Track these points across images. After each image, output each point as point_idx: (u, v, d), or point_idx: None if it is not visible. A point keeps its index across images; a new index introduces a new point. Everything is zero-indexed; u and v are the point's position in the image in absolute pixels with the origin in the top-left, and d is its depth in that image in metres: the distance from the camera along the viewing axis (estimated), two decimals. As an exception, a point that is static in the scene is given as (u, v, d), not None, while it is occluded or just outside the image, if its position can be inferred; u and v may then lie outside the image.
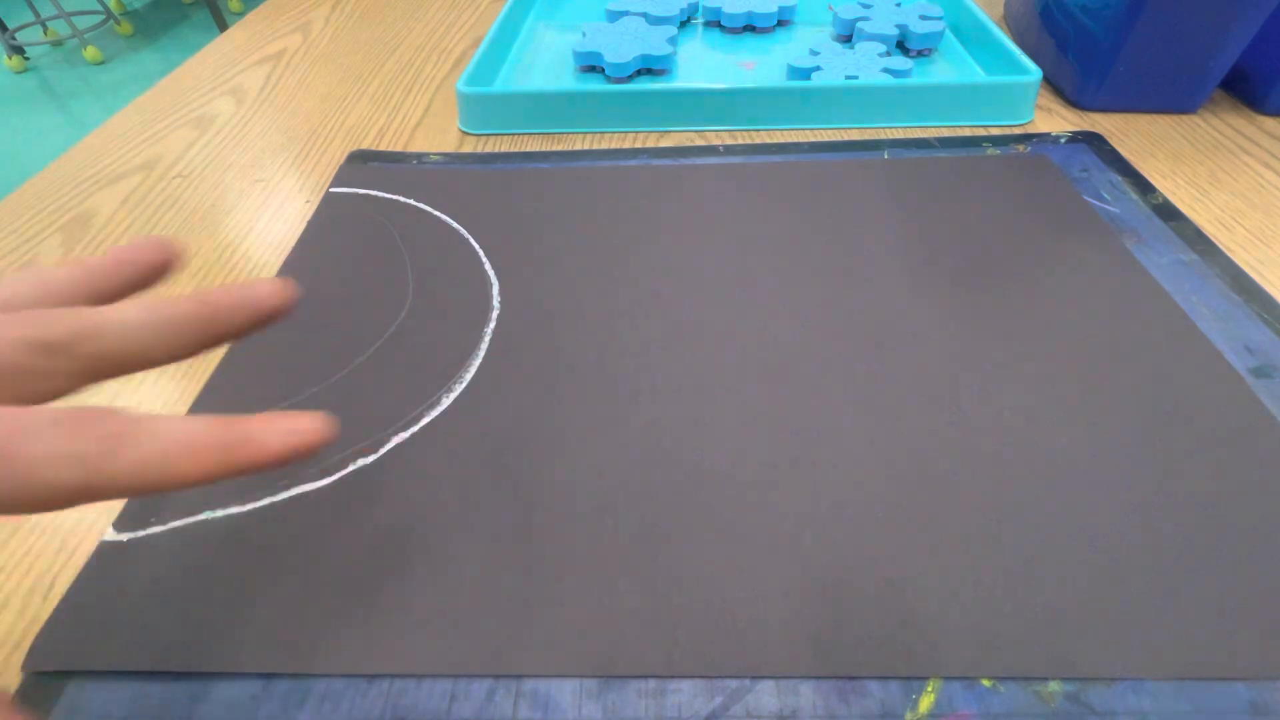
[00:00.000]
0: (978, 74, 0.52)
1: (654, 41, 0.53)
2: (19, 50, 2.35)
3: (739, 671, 0.21)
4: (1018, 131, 0.46)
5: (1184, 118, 0.47)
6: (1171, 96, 0.47)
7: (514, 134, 0.48)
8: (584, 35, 0.54)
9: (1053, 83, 0.51)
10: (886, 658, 0.21)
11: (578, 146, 0.47)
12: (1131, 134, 0.45)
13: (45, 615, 0.22)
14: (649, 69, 0.53)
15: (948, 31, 0.57)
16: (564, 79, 0.54)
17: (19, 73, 2.31)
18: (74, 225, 0.42)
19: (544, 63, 0.56)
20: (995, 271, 0.35)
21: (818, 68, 0.49)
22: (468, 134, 0.49)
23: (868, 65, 0.49)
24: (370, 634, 0.22)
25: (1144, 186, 0.40)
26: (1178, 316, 0.32)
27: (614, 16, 0.59)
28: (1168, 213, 0.38)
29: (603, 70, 0.52)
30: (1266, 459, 0.26)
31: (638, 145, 0.47)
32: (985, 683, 0.21)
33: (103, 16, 2.49)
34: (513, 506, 0.25)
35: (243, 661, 0.21)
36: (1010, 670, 0.21)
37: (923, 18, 0.55)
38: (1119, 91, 0.46)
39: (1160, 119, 0.47)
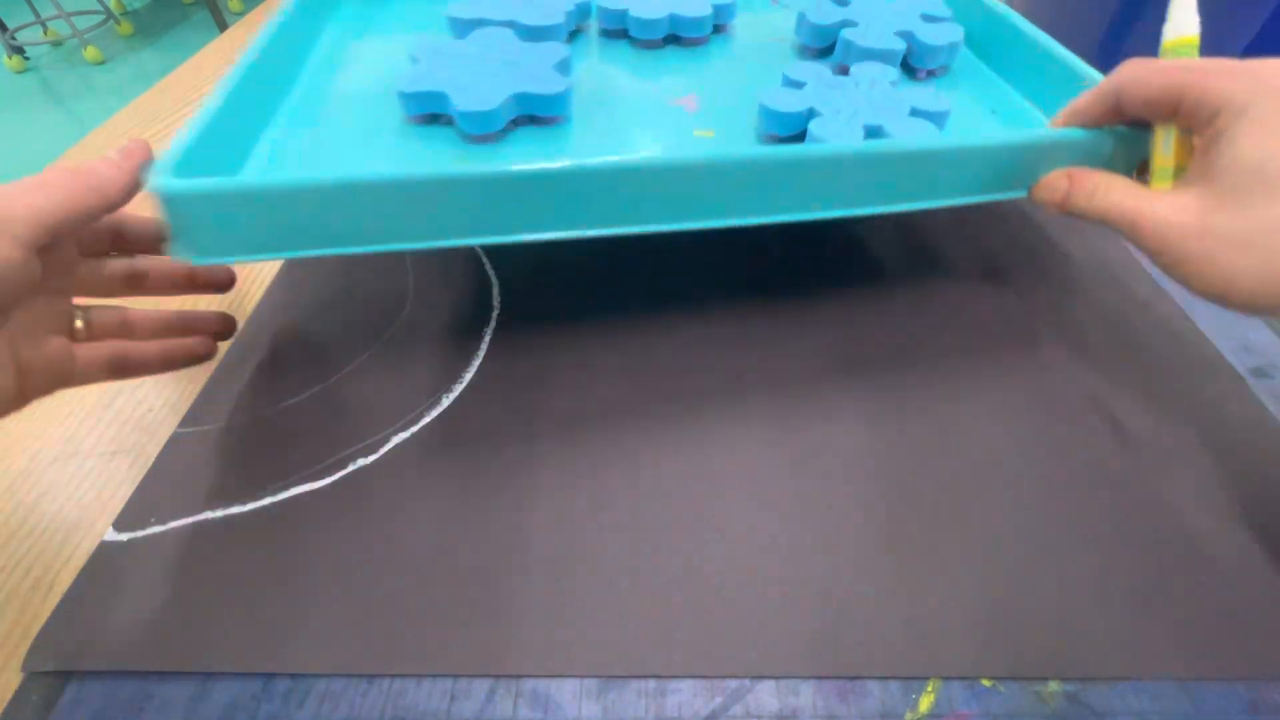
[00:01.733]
0: (1031, 111, 0.35)
1: (533, 70, 0.32)
2: (19, 50, 2.34)
3: (739, 671, 0.21)
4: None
5: (1184, 118, 0.47)
6: (1171, 96, 0.46)
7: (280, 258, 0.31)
8: (415, 62, 0.33)
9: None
10: (886, 658, 0.21)
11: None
12: (1131, 134, 0.45)
13: (45, 615, 0.22)
14: (532, 116, 0.32)
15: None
16: (382, 142, 0.31)
17: (19, 73, 2.31)
18: (74, 225, 0.42)
19: (356, 116, 0.33)
20: (994, 271, 0.35)
21: (812, 113, 0.30)
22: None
23: (887, 106, 0.31)
24: (370, 634, 0.22)
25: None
26: (1178, 316, 0.32)
27: (463, 29, 0.37)
28: (1168, 213, 0.38)
29: (452, 122, 0.31)
30: (1266, 459, 0.26)
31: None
32: (985, 683, 0.21)
33: (103, 16, 2.48)
34: (512, 506, 0.25)
35: (243, 661, 0.21)
36: (1010, 670, 0.21)
37: (927, 18, 0.38)
38: (1119, 91, 0.46)
39: (1160, 119, 0.47)
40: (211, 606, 0.23)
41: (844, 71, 0.35)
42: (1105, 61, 0.45)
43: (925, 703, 0.21)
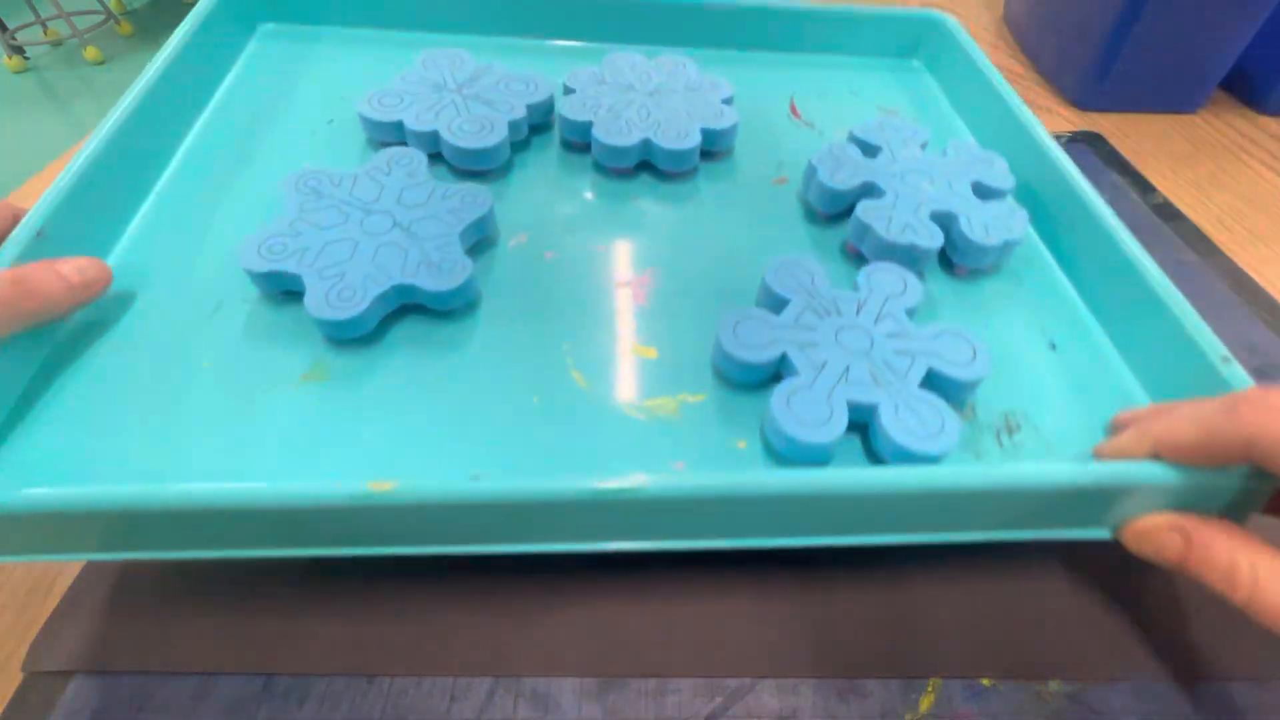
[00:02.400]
0: (1110, 354, 0.26)
1: (432, 244, 0.25)
2: (19, 50, 2.34)
3: (739, 672, 0.21)
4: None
5: (1184, 118, 0.47)
6: (1171, 96, 0.47)
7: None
8: (272, 224, 0.25)
9: (1053, 83, 0.51)
10: (886, 658, 0.21)
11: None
12: (1131, 134, 0.45)
13: (45, 615, 0.22)
14: (420, 305, 0.25)
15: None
16: (221, 341, 0.24)
17: (19, 73, 2.31)
18: (74, 225, 0.42)
19: (201, 280, 0.26)
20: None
21: (784, 364, 0.23)
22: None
23: (892, 365, 0.23)
24: (370, 634, 0.22)
25: (1144, 186, 0.40)
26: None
27: (376, 131, 0.31)
28: (1168, 213, 0.38)
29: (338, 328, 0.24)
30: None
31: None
32: (985, 682, 0.21)
33: (103, 16, 2.48)
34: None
35: (243, 662, 0.21)
36: (1010, 670, 0.21)
37: (981, 191, 0.29)
38: (1119, 91, 0.46)
39: (1160, 119, 0.47)
40: (211, 606, 0.23)
41: (855, 254, 0.29)
42: (1105, 62, 0.45)
43: (925, 703, 0.21)
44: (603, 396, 0.24)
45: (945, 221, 0.28)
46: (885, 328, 0.24)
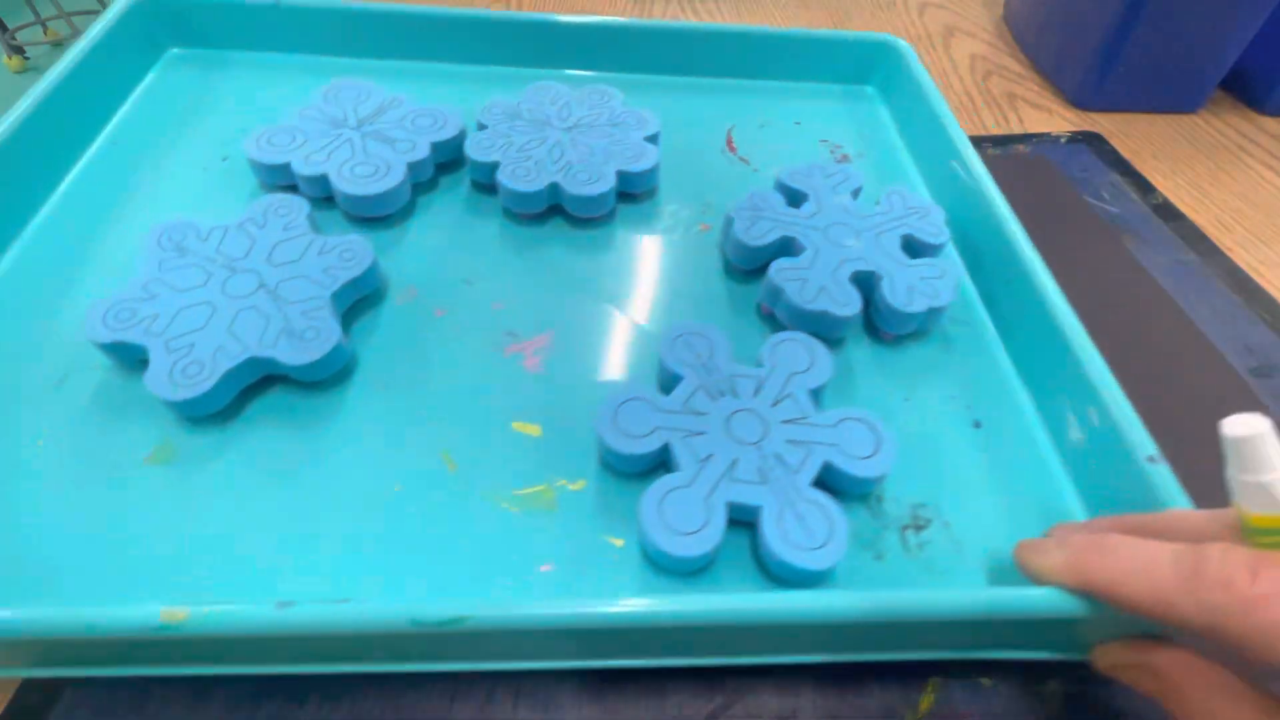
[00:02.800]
0: (1043, 446, 0.24)
1: (298, 310, 0.23)
2: (19, 50, 2.34)
3: (739, 670, 0.21)
4: (1017, 132, 0.46)
5: (1184, 118, 0.47)
6: (1171, 96, 0.47)
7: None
8: (119, 291, 0.23)
9: (1053, 83, 0.51)
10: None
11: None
12: (1131, 134, 0.45)
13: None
14: (283, 376, 0.24)
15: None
16: (59, 420, 0.23)
17: (19, 73, 2.31)
18: (74, 225, 0.42)
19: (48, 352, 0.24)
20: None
21: (667, 457, 0.22)
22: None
23: (783, 466, 0.21)
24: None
25: (1144, 186, 0.40)
26: (1178, 316, 0.32)
27: (266, 175, 0.29)
28: (1168, 213, 0.38)
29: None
30: (1266, 459, 0.26)
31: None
32: (985, 682, 0.21)
33: (103, 16, 2.49)
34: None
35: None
36: (1010, 670, 0.21)
37: (911, 245, 0.27)
38: (1119, 91, 0.46)
39: (1160, 119, 0.47)
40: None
41: (770, 315, 0.27)
42: (1105, 62, 0.45)
43: (925, 702, 0.21)
44: (471, 484, 0.22)
45: (868, 282, 0.26)
46: (784, 412, 0.22)
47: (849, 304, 0.25)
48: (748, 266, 0.28)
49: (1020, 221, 0.38)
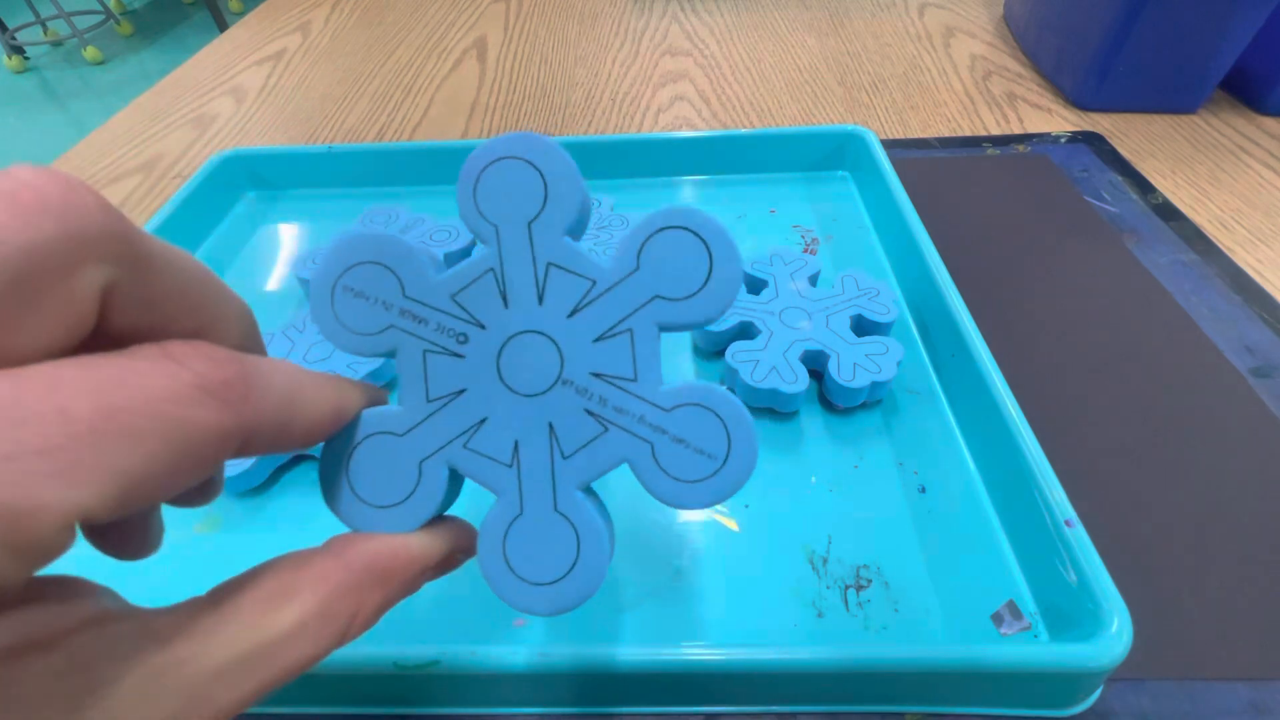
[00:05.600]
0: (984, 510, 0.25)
1: None
2: (19, 50, 2.34)
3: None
4: (1017, 132, 0.46)
5: (1184, 118, 0.47)
6: (1171, 96, 0.47)
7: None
8: None
9: (1053, 82, 0.51)
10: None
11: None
12: (1131, 134, 0.45)
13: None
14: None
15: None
16: None
17: (19, 73, 2.31)
18: (74, 225, 0.42)
19: None
20: (994, 272, 0.35)
21: None
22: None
23: None
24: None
25: (1144, 186, 0.40)
26: (1178, 316, 0.32)
27: None
28: (1168, 213, 0.38)
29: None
30: (1267, 459, 0.26)
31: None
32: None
33: (103, 16, 2.48)
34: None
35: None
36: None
37: (860, 325, 0.30)
38: (1119, 91, 0.46)
39: (1160, 119, 0.47)
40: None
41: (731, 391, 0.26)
42: (1105, 62, 0.45)
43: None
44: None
45: (818, 361, 0.28)
46: (560, 302, 0.14)
47: (797, 382, 0.27)
48: (711, 348, 0.31)
49: (1020, 222, 0.38)
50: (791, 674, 0.19)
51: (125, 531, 0.13)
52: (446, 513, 0.14)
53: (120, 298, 0.10)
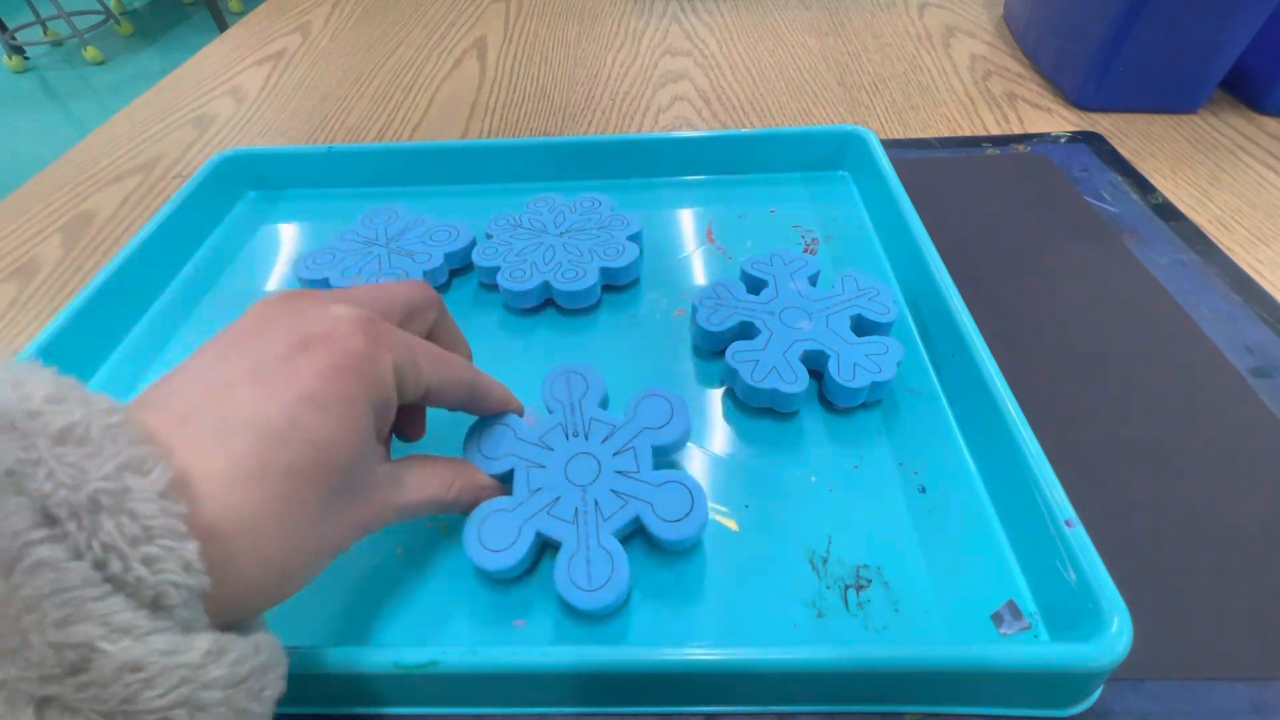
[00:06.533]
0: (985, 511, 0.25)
1: None
2: (19, 50, 2.34)
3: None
4: (1017, 132, 0.46)
5: (1184, 118, 0.47)
6: (1171, 96, 0.47)
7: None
8: None
9: (1053, 83, 0.51)
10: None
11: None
12: (1131, 134, 0.45)
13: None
14: None
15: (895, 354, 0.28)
16: None
17: (19, 73, 2.31)
18: (74, 225, 0.42)
19: None
20: (995, 272, 0.35)
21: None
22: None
23: None
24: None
25: (1144, 186, 0.40)
26: (1178, 316, 0.32)
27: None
28: (1168, 213, 0.38)
29: None
30: (1267, 459, 0.26)
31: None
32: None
33: (103, 16, 2.48)
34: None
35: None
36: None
37: (860, 324, 0.29)
38: (1119, 91, 0.46)
39: (1160, 119, 0.47)
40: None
41: (730, 392, 0.29)
42: (1105, 62, 0.45)
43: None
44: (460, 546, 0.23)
45: (818, 361, 0.28)
46: (621, 463, 0.24)
47: (797, 382, 0.27)
48: (711, 348, 0.30)
49: (1020, 222, 0.38)
50: (791, 674, 0.19)
51: (412, 418, 0.25)
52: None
53: (436, 327, 0.24)
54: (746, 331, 0.29)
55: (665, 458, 0.25)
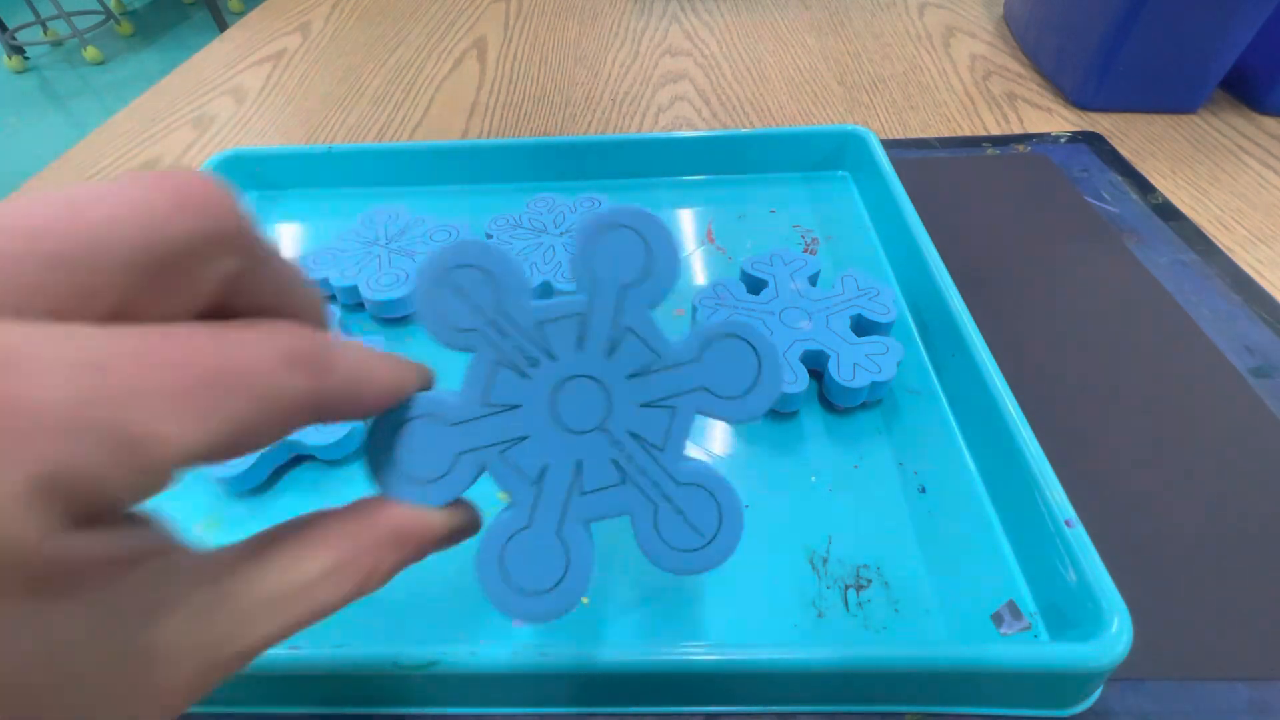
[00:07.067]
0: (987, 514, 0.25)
1: None
2: (19, 50, 2.34)
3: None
4: (1017, 132, 0.46)
5: (1184, 118, 0.47)
6: (1171, 96, 0.47)
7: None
8: None
9: (1053, 83, 0.51)
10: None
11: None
12: (1131, 134, 0.45)
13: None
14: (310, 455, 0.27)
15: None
16: None
17: (19, 73, 2.31)
18: (74, 225, 0.42)
19: None
20: (995, 272, 0.35)
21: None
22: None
23: None
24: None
25: (1144, 186, 0.40)
26: (1178, 316, 0.32)
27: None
28: (1168, 213, 0.38)
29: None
30: (1267, 458, 0.26)
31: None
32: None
33: (103, 16, 2.48)
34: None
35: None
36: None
37: (859, 324, 0.29)
38: (1119, 91, 0.46)
39: (1160, 119, 0.47)
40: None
41: None
42: (1105, 62, 0.45)
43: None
44: (465, 545, 0.22)
45: (818, 361, 0.28)
46: (625, 361, 0.15)
47: (797, 382, 0.26)
48: None
49: (1020, 222, 0.38)
50: (791, 674, 0.19)
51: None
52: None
53: (238, 283, 0.12)
54: None
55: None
